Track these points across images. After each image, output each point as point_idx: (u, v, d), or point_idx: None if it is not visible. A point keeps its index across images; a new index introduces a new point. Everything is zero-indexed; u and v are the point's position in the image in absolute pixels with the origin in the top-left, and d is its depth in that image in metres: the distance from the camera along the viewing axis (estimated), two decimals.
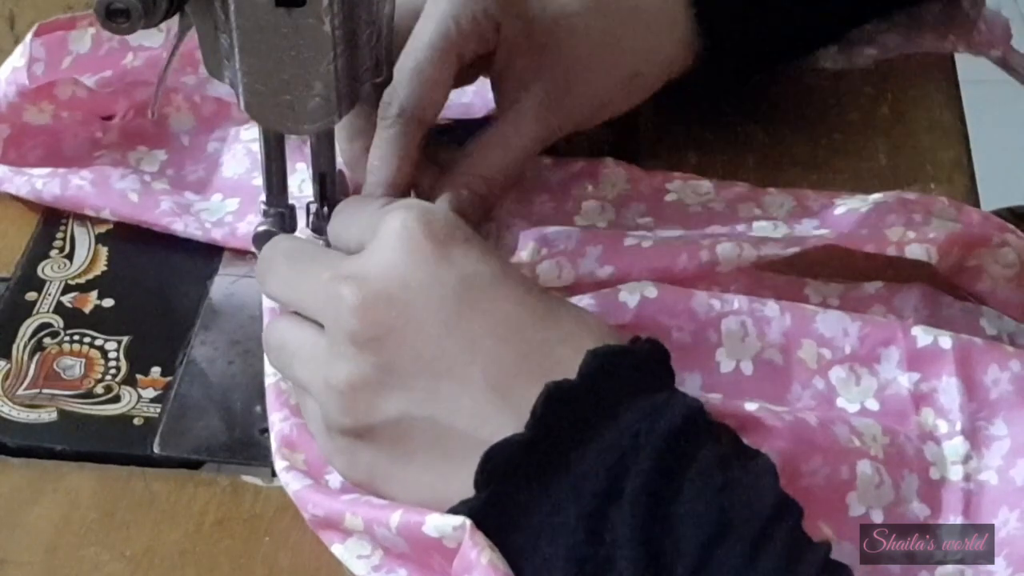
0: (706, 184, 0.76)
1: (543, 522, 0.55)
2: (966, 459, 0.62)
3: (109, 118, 0.81)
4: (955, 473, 0.61)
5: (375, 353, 0.59)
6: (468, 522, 0.56)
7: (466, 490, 0.56)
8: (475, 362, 0.58)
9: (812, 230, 0.72)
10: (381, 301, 0.59)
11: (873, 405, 0.64)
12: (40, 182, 0.77)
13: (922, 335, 0.64)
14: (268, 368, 0.67)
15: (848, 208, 0.72)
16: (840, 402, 0.64)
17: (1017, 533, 0.59)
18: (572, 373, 0.56)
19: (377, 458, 0.60)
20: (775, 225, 0.72)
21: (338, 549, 0.61)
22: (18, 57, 0.79)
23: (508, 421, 0.56)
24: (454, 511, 0.56)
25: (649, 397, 0.56)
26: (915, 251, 0.67)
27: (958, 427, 0.62)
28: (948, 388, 0.63)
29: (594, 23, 0.74)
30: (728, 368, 0.65)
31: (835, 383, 0.64)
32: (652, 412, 0.55)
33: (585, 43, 0.74)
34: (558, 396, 0.56)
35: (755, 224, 0.73)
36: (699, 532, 0.53)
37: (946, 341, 0.64)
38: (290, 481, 0.62)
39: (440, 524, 0.57)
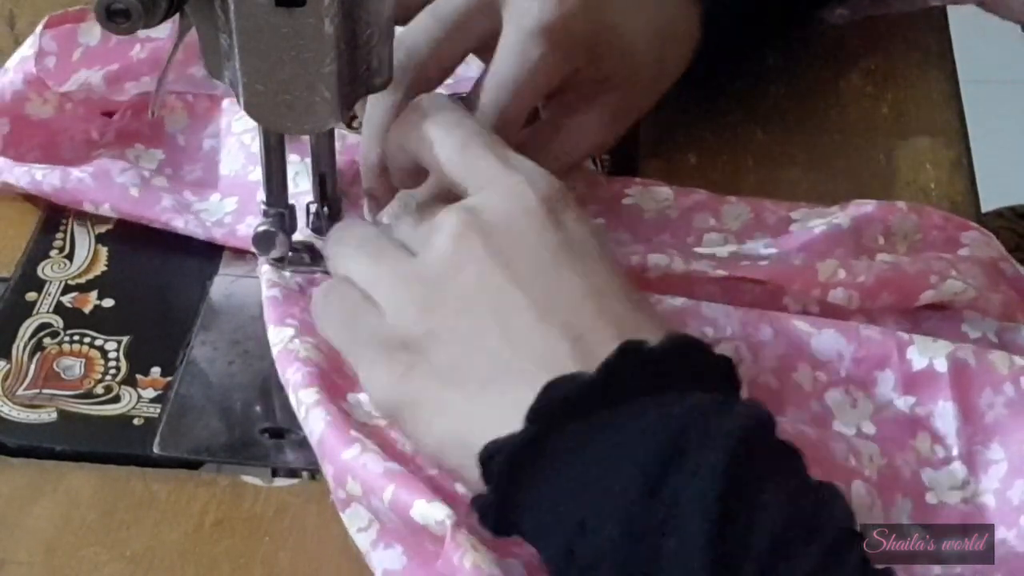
0: (666, 191, 0.75)
1: (595, 468, 0.54)
2: (964, 484, 0.62)
3: (110, 114, 0.81)
4: (952, 498, 0.61)
5: (462, 275, 0.59)
6: (451, 520, 0.56)
7: (511, 428, 0.55)
8: (557, 311, 0.58)
9: (761, 249, 0.72)
10: (482, 231, 0.60)
11: (869, 428, 0.63)
12: (40, 173, 0.77)
13: (917, 357, 0.64)
14: (274, 338, 0.67)
15: (803, 227, 0.72)
16: (836, 425, 0.64)
17: (1015, 550, 0.59)
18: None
19: (429, 379, 0.59)
20: (725, 239, 0.73)
21: (345, 516, 0.61)
22: (27, 47, 0.79)
23: (576, 369, 0.56)
24: (494, 445, 0.55)
25: (717, 393, 0.56)
26: (837, 295, 0.67)
27: (955, 452, 0.62)
28: (944, 413, 0.63)
29: (652, 56, 0.75)
30: None
31: (831, 405, 0.64)
32: (720, 405, 0.54)
33: (645, 77, 0.75)
34: (632, 354, 0.55)
35: (705, 237, 0.73)
36: (776, 521, 0.51)
37: (941, 364, 0.63)
38: (314, 424, 0.61)
39: (425, 513, 0.56)
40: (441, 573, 0.56)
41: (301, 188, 0.73)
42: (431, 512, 0.56)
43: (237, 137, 0.80)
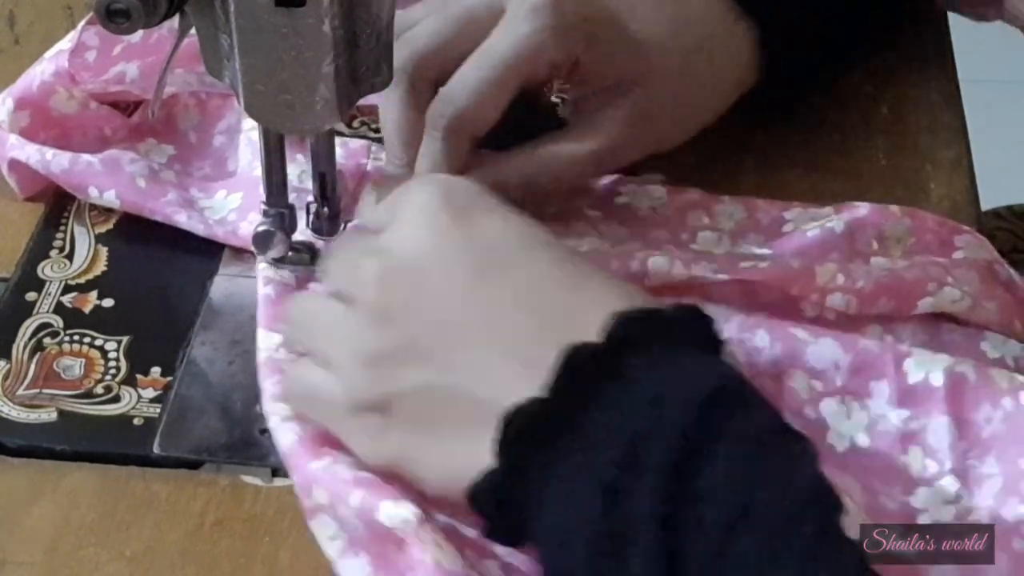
0: (659, 189, 0.76)
1: (560, 490, 0.54)
2: (957, 498, 0.61)
3: (136, 106, 0.81)
4: (946, 514, 0.61)
5: (395, 325, 0.59)
6: (416, 517, 0.56)
7: (489, 459, 0.55)
8: (495, 329, 0.57)
9: (755, 249, 0.72)
10: (399, 273, 0.59)
11: (864, 440, 0.63)
12: (50, 153, 0.77)
13: (913, 370, 0.63)
14: (262, 342, 0.67)
15: (796, 228, 0.72)
16: (831, 436, 0.63)
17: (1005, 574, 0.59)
18: (595, 339, 0.55)
19: (404, 434, 0.59)
20: (719, 238, 0.73)
21: (313, 525, 0.60)
22: (66, 41, 0.79)
23: (528, 387, 0.55)
24: (477, 485, 0.55)
25: (678, 362, 0.55)
26: (836, 300, 0.67)
27: (947, 466, 0.62)
28: (938, 428, 0.62)
29: (674, 62, 0.74)
30: None
31: (826, 415, 0.64)
32: (679, 379, 0.54)
33: (669, 84, 0.74)
34: (576, 358, 0.55)
35: (699, 235, 0.73)
36: (721, 514, 0.51)
37: (937, 378, 0.63)
38: (282, 437, 0.62)
39: (392, 514, 0.56)
40: (401, 571, 0.56)
41: (306, 185, 0.73)
42: (397, 512, 0.56)
43: (246, 134, 0.80)
